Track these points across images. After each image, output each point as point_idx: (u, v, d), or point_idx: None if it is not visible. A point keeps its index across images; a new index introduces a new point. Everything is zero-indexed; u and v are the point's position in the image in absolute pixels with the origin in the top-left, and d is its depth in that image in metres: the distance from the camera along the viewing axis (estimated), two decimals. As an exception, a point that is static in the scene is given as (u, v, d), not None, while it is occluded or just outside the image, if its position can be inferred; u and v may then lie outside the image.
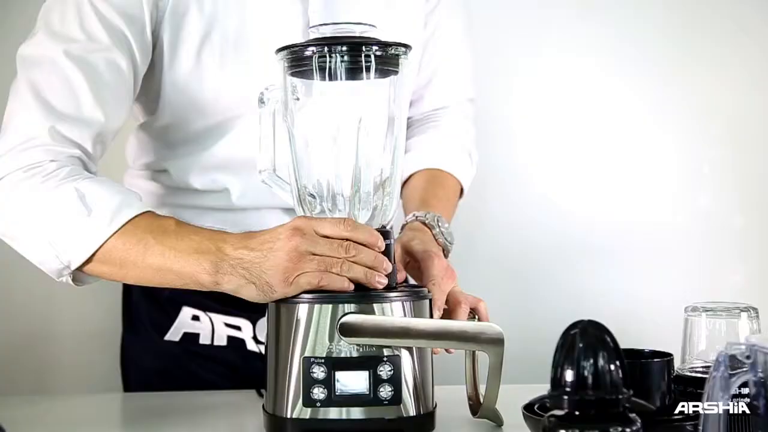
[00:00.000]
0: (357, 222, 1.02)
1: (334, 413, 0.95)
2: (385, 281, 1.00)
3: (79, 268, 1.07)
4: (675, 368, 0.99)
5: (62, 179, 1.07)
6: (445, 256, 1.19)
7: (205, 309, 1.32)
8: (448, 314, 1.09)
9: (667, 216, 1.88)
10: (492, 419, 1.05)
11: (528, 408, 0.97)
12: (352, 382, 0.95)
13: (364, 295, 0.98)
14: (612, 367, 0.68)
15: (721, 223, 1.86)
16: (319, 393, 0.95)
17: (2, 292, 1.74)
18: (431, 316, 1.04)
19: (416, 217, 1.23)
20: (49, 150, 1.09)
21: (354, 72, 1.02)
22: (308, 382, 0.95)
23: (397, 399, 0.96)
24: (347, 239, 0.99)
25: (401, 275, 1.13)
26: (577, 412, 0.68)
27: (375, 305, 0.97)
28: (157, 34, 1.19)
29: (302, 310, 0.97)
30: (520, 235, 1.79)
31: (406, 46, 1.04)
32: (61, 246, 1.06)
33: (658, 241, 1.87)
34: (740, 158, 1.88)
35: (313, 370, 0.95)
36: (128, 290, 1.40)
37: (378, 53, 1.01)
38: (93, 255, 1.06)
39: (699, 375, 0.96)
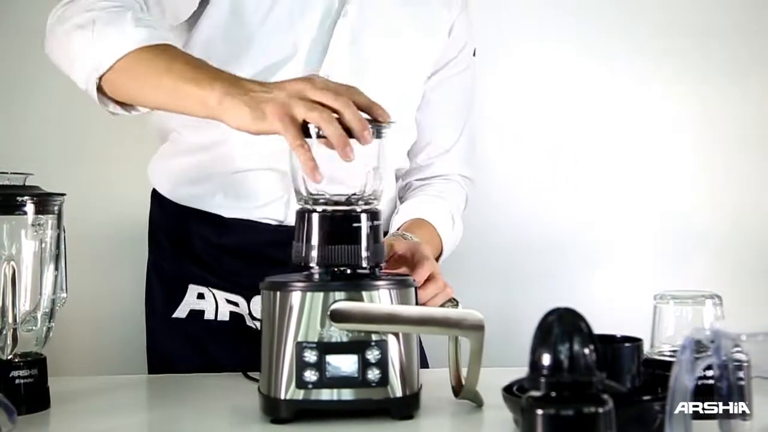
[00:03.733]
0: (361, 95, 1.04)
1: (325, 394, 0.99)
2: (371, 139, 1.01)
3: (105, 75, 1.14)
4: (644, 352, 1.00)
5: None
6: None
7: (208, 285, 1.37)
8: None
9: (639, 212, 1.93)
10: (473, 400, 1.08)
11: (507, 390, 0.99)
12: (342, 365, 0.98)
13: (353, 283, 1.01)
14: (586, 351, 0.69)
15: (688, 219, 1.92)
16: (311, 375, 0.98)
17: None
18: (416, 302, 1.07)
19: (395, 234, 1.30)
20: None
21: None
22: (301, 365, 0.98)
23: (384, 381, 0.99)
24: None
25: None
26: (553, 393, 0.69)
27: (363, 293, 1.00)
28: None
29: (295, 297, 1.00)
30: (502, 231, 1.83)
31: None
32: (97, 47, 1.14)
33: (629, 235, 1.92)
34: (708, 160, 1.94)
35: (306, 354, 0.98)
36: (149, 276, 1.45)
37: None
38: (121, 59, 1.12)
39: (667, 359, 0.98)
